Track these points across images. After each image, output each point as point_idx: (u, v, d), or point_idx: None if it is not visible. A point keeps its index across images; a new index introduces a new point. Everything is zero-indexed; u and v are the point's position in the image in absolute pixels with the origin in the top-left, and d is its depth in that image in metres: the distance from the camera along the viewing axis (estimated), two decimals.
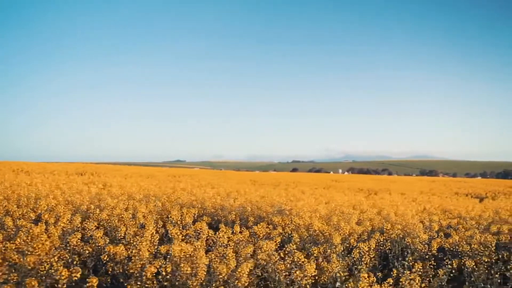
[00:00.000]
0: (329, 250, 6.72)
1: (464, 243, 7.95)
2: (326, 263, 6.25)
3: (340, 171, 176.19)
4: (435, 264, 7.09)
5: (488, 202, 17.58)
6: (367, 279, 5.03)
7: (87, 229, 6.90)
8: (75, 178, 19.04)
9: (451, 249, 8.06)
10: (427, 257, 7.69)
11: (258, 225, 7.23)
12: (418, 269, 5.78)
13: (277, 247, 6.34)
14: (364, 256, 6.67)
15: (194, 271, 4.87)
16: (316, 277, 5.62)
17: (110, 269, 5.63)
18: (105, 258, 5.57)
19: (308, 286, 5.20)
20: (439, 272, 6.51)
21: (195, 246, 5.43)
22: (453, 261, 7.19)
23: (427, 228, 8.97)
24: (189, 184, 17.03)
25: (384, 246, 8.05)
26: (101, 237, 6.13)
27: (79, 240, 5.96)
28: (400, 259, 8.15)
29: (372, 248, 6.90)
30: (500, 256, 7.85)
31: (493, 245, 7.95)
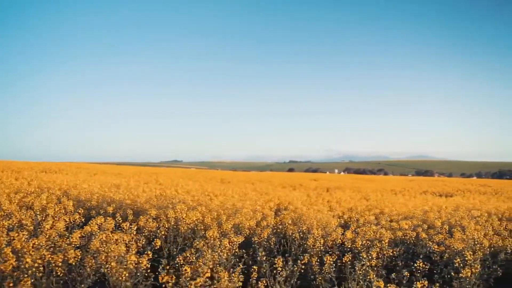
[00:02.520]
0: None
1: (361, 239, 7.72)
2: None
3: (337, 171, 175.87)
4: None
5: (443, 199, 17.32)
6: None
7: None
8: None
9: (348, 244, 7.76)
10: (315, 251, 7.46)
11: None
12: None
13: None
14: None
15: None
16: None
17: None
18: None
19: None
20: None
21: None
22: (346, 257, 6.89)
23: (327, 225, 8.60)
24: (132, 181, 16.64)
25: (269, 242, 7.70)
26: None
27: None
28: (287, 254, 7.77)
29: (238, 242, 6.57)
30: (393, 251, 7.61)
31: (386, 241, 7.67)
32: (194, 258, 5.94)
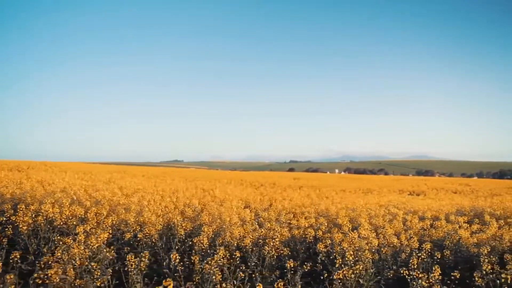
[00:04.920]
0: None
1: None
2: None
3: (337, 171, 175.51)
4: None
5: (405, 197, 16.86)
6: None
7: None
8: None
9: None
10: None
11: None
12: None
13: None
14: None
15: None
16: None
17: None
18: None
19: None
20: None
21: None
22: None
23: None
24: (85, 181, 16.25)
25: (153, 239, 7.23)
26: None
27: None
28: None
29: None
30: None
31: (277, 240, 7.20)
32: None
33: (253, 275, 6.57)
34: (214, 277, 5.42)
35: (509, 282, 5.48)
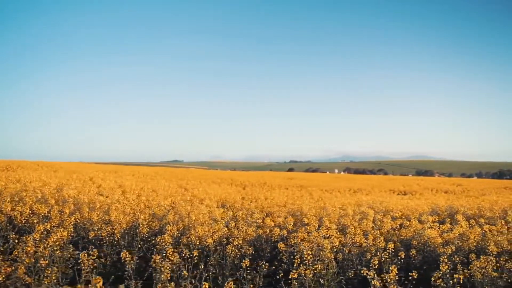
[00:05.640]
0: None
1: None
2: None
3: (336, 171, 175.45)
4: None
5: (394, 198, 16.80)
6: None
7: None
8: None
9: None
10: None
11: None
12: None
13: None
14: None
15: None
16: None
17: None
18: None
19: None
20: None
21: None
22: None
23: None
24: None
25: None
26: None
27: None
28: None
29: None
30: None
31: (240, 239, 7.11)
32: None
33: (208, 275, 6.49)
34: (162, 275, 5.35)
35: (461, 282, 5.42)
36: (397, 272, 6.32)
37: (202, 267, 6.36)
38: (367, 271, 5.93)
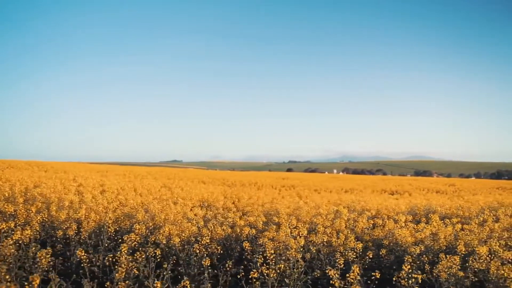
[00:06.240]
0: None
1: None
2: None
3: (335, 171, 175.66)
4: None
5: (382, 198, 16.72)
6: None
7: None
8: None
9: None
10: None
11: None
12: None
13: None
14: None
15: None
16: None
17: None
18: None
19: None
20: None
21: None
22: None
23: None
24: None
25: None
26: None
27: None
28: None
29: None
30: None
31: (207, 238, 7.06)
32: None
33: (172, 275, 6.44)
34: (116, 274, 5.29)
35: (419, 281, 5.36)
36: (363, 272, 6.30)
37: (166, 266, 6.30)
38: (331, 271, 5.88)
